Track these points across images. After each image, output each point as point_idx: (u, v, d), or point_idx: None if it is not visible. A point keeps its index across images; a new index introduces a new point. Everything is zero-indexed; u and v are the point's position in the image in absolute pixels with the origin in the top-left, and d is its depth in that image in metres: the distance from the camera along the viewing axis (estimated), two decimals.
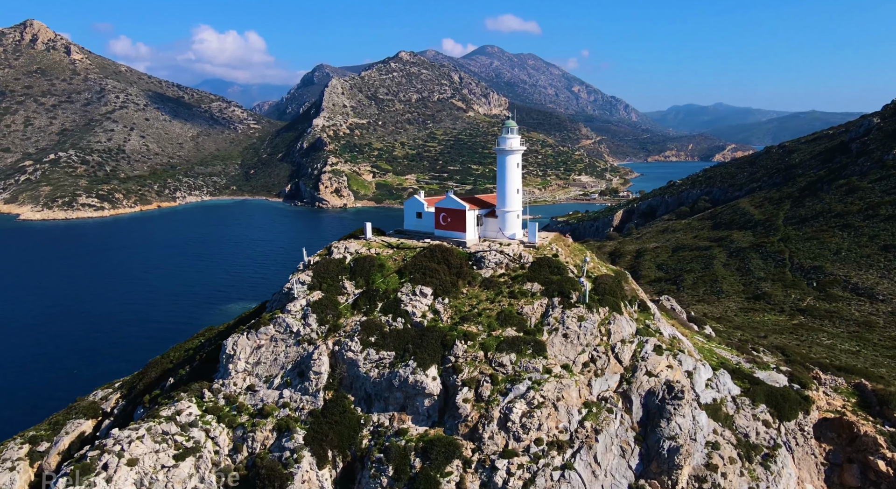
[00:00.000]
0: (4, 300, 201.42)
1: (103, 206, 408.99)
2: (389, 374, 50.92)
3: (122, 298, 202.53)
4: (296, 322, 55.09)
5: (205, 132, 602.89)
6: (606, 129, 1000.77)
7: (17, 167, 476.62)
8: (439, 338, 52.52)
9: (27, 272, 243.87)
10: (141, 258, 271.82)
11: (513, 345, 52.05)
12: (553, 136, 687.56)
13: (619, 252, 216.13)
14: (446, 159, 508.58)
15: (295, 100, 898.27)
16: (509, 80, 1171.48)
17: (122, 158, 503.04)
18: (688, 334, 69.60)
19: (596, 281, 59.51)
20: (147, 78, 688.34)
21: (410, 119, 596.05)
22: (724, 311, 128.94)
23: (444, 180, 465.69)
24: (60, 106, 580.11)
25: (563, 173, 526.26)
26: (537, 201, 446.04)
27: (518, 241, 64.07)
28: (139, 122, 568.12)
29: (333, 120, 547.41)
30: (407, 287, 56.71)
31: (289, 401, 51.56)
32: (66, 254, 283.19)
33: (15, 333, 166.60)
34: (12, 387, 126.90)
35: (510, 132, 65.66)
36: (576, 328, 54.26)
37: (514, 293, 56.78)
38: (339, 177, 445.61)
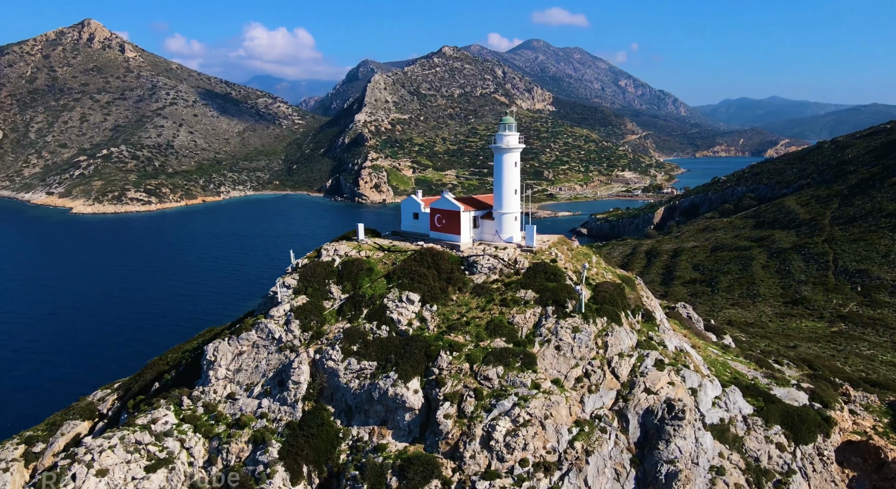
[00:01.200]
0: (45, 290, 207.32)
1: (150, 201, 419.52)
2: (370, 386, 48.76)
3: (159, 291, 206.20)
4: (278, 328, 53.46)
5: (250, 128, 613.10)
6: (653, 123, 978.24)
7: (72, 162, 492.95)
8: (423, 348, 50.05)
9: (69, 263, 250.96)
10: (182, 252, 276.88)
11: (500, 358, 49.23)
12: (597, 132, 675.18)
13: (656, 251, 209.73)
14: (487, 154, 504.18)
15: (339, 95, 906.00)
16: (554, 75, 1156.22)
17: (171, 154, 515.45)
18: (700, 346, 65.42)
19: (596, 289, 56.09)
20: (197, 75, 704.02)
21: (452, 114, 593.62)
22: (759, 316, 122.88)
23: (485, 176, 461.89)
24: (114, 103, 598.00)
25: (605, 169, 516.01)
26: (578, 197, 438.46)
27: (515, 245, 61.03)
28: (188, 118, 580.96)
29: (375, 115, 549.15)
30: (394, 292, 54.42)
31: (267, 411, 49.94)
32: (110, 247, 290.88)
33: (42, 324, 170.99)
34: (40, 378, 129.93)
35: (508, 129, 62.47)
36: (569, 340, 51.05)
37: (506, 301, 53.86)
38: (378, 172, 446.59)
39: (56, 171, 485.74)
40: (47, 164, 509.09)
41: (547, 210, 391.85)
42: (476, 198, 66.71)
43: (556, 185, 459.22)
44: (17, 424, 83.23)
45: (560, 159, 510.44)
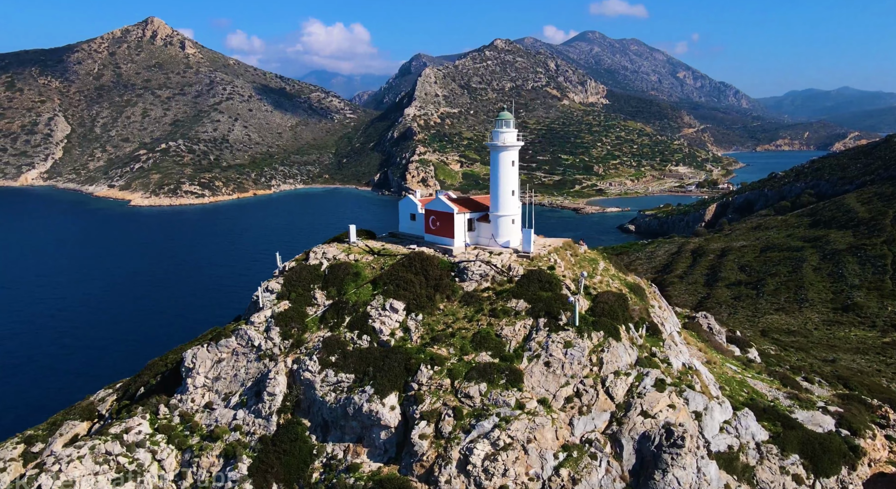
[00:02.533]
0: (91, 280, 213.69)
1: (204, 194, 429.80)
2: (345, 400, 46.39)
3: (201, 283, 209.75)
4: (258, 335, 51.66)
5: (303, 122, 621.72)
6: (712, 116, 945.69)
7: (132, 156, 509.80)
8: (403, 361, 47.33)
9: (120, 255, 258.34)
10: (228, 244, 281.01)
11: (483, 374, 46.05)
12: (652, 125, 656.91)
13: (703, 250, 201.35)
14: (536, 149, 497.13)
15: (392, 89, 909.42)
16: (609, 67, 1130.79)
17: (226, 147, 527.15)
18: (717, 362, 60.52)
19: (595, 299, 52.17)
20: (253, 70, 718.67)
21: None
22: (804, 324, 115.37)
23: (533, 170, 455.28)
24: (174, 98, 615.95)
25: (658, 164, 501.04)
26: (628, 193, 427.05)
27: (511, 251, 57.51)
28: (243, 113, 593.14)
29: (425, 109, 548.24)
30: (378, 300, 51.85)
31: (241, 423, 48.18)
32: (162, 238, 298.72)
33: (84, 315, 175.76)
34: (67, 370, 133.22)
35: (505, 125, 58.79)
36: (560, 355, 47.43)
37: (495, 311, 50.58)
38: (426, 166, 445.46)
39: (118, 164, 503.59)
40: (110, 158, 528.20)
41: (595, 206, 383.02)
42: (473, 198, 63.36)
43: (606, 180, 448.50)
44: (35, 418, 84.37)
45: (611, 154, 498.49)
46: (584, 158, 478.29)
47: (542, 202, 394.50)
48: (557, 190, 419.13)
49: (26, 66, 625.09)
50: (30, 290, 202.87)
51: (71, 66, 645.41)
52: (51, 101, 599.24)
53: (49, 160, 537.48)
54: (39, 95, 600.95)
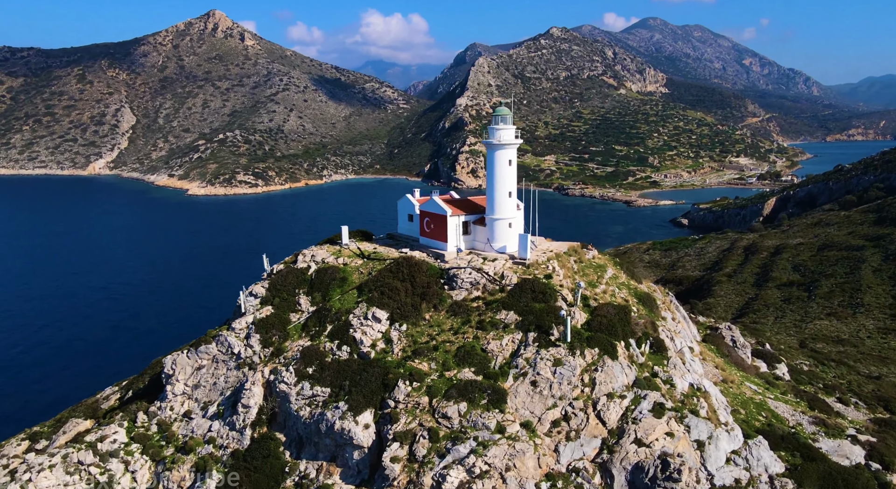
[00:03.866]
0: (135, 268, 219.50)
1: (257, 183, 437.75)
2: (319, 416, 44.14)
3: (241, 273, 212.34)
4: (238, 342, 49.93)
5: (356, 112, 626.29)
6: (779, 105, 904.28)
7: (192, 146, 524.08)
8: (381, 375, 44.67)
9: (174, 242, 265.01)
10: (275, 233, 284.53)
11: (464, 393, 42.93)
12: (713, 114, 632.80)
13: (756, 247, 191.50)
14: (589, 139, 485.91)
15: (446, 79, 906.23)
16: (671, 54, 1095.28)
17: (280, 138, 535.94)
18: (735, 380, 55.52)
19: (594, 312, 48.26)
20: (309, 61, 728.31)
21: (556, 98, 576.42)
22: (856, 331, 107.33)
23: (585, 162, 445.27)
24: (233, 89, 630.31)
25: (718, 155, 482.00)
26: (684, 185, 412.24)
27: (507, 257, 53.92)
28: (298, 104, 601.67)
29: (477, 99, 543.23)
30: (361, 308, 49.27)
31: (216, 435, 46.54)
32: (216, 227, 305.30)
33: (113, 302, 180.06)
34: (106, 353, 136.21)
35: (502, 121, 55.03)
36: (548, 374, 43.86)
37: (483, 323, 47.34)
38: (476, 157, 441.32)
39: (178, 154, 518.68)
40: (172, 148, 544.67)
41: (648, 198, 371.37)
42: (471, 200, 59.85)
43: (661, 171, 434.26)
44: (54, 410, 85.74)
45: (668, 144, 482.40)
46: (639, 149, 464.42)
47: (592, 194, 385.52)
48: (609, 181, 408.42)
49: (96, 59, 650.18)
50: (86, 278, 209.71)
51: (137, 59, 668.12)
52: (118, 92, 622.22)
53: (115, 150, 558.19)
54: (108, 87, 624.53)
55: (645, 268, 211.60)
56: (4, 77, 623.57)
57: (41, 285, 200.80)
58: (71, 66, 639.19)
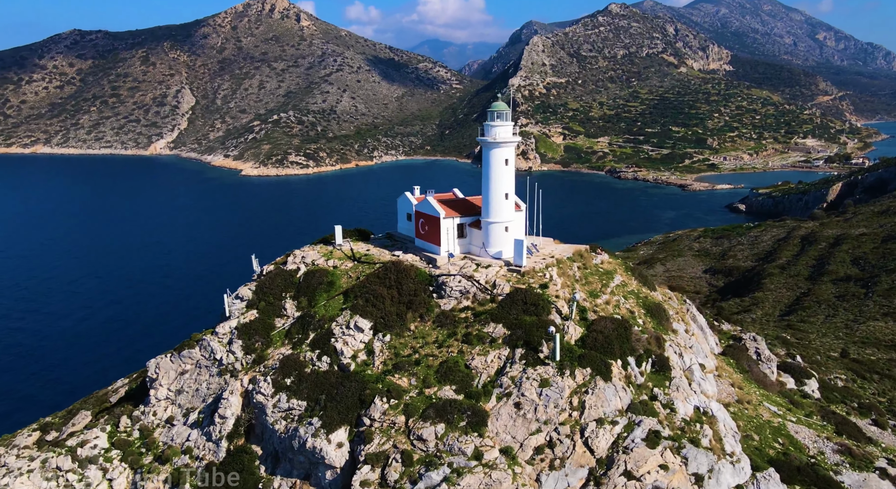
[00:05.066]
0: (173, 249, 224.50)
1: (308, 164, 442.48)
2: (293, 431, 42.51)
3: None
4: (220, 347, 48.68)
5: (409, 92, 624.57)
6: (855, 82, 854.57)
7: (247, 127, 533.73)
8: (358, 390, 42.63)
9: (214, 222, 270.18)
10: (326, 214, 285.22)
11: (442, 413, 40.38)
12: (780, 93, 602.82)
13: (814, 237, 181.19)
14: (646, 120, 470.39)
15: (501, 58, 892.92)
16: (737, 30, 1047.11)
17: (333, 119, 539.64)
18: (752, 400, 51.12)
19: (590, 327, 44.84)
20: (364, 41, 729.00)
21: (613, 77, 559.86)
22: None
23: (640, 144, 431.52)
24: (288, 70, 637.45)
25: (783, 136, 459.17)
26: (744, 168, 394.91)
27: (502, 263, 50.69)
28: (351, 84, 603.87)
29: (530, 79, 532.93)
30: (344, 316, 47.16)
31: (193, 445, 45.56)
32: (267, 207, 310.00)
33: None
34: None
35: (498, 118, 51.56)
36: (534, 396, 40.88)
37: (469, 336, 44.59)
38: (527, 139, 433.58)
39: (234, 134, 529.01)
40: (228, 129, 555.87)
41: (704, 182, 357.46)
42: (469, 200, 56.61)
43: (720, 154, 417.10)
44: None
45: (729, 125, 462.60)
46: (698, 130, 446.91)
47: (645, 177, 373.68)
48: (665, 164, 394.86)
49: (159, 41, 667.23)
50: (142, 257, 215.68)
51: (198, 41, 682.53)
52: (179, 74, 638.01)
53: (175, 131, 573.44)
54: (169, 69, 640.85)
55: (694, 256, 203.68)
56: (74, 60, 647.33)
57: (101, 264, 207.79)
58: (135, 48, 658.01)
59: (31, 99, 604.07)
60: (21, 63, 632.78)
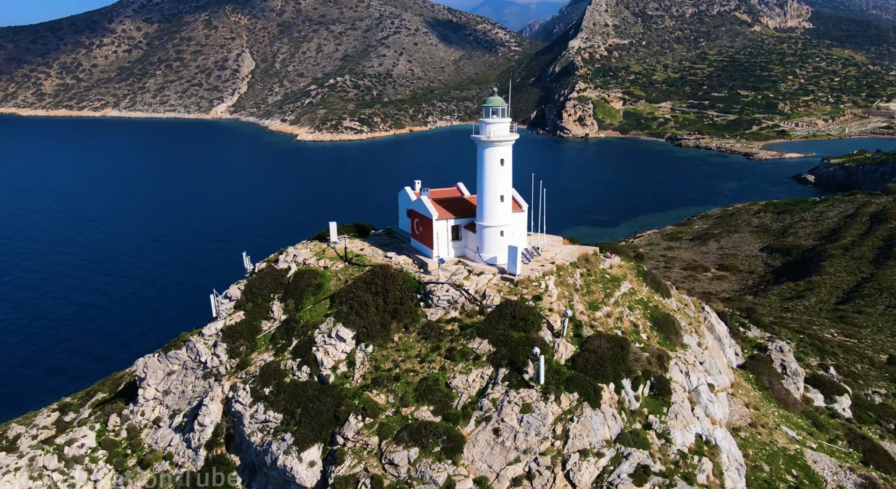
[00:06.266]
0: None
1: (362, 130, 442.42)
2: (268, 445, 41.13)
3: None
4: (206, 350, 47.62)
5: (466, 56, 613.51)
6: None
7: (304, 91, 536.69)
8: (335, 405, 40.77)
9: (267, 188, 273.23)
10: (381, 181, 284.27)
11: (416, 437, 38.08)
12: (865, 52, 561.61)
13: (885, 214, 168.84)
14: (712, 84, 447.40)
15: (563, 19, 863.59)
16: None
17: (389, 83, 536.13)
18: (768, 423, 46.71)
19: (583, 345, 41.41)
20: (422, 2, 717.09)
21: (680, 37, 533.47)
22: None
23: (705, 109, 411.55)
24: (345, 33, 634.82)
25: (864, 99, 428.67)
26: (817, 135, 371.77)
27: (496, 270, 47.32)
28: (408, 47, 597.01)
29: (591, 41, 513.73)
30: (327, 323, 45.14)
31: (174, 451, 44.98)
32: (316, 173, 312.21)
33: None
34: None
35: (494, 114, 47.62)
36: (514, 422, 38.06)
37: (453, 352, 41.88)
38: (584, 104, 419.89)
39: (292, 99, 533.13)
40: (286, 93, 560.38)
41: (772, 150, 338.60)
42: (466, 200, 53.05)
43: (792, 119, 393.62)
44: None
45: (804, 88, 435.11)
46: (769, 94, 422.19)
47: (708, 145, 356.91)
48: (730, 131, 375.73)
49: (221, 5, 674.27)
50: (200, 222, 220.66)
51: (258, 3, 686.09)
52: (240, 37, 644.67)
53: (235, 95, 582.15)
54: (230, 33, 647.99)
55: (751, 233, 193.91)
56: (141, 23, 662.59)
57: (162, 228, 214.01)
58: (199, 11, 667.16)
59: (101, 63, 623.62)
60: (93, 27, 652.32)
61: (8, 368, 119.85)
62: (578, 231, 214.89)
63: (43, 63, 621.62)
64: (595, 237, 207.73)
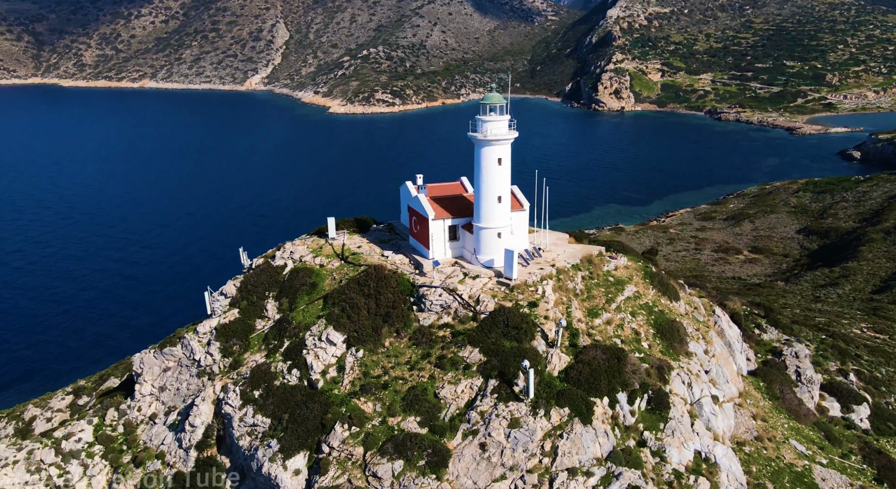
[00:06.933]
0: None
1: (394, 102, 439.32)
2: (255, 451, 40.75)
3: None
4: (200, 348, 47.33)
5: (501, 26, 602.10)
6: None
7: (337, 62, 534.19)
8: (322, 412, 40.06)
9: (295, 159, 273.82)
10: (413, 157, 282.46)
11: (401, 449, 37.15)
12: None
13: None
14: (757, 54, 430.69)
15: None
16: None
17: (422, 54, 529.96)
18: (776, 436, 44.51)
19: (578, 356, 39.72)
20: None
21: (724, 5, 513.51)
22: None
23: (747, 81, 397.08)
24: (379, 2, 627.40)
25: None
26: (867, 108, 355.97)
27: (492, 274, 45.60)
28: (443, 17, 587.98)
29: (630, 9, 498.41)
30: (318, 326, 44.27)
31: (167, 450, 45.03)
32: (347, 147, 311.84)
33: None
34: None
35: (492, 111, 45.37)
36: (501, 437, 36.82)
37: (443, 360, 40.62)
38: (621, 76, 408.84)
39: (325, 70, 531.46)
40: (320, 64, 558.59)
41: (817, 124, 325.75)
42: (466, 197, 51.15)
43: (840, 91, 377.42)
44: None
45: (855, 58, 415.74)
46: (816, 65, 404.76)
47: (749, 119, 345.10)
48: (773, 104, 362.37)
49: None
50: (230, 197, 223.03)
51: None
52: (274, 7, 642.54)
53: (269, 66, 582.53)
54: (265, 2, 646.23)
55: (788, 213, 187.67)
56: None
57: (194, 200, 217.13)
58: None
59: (139, 34, 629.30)
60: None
61: (54, 337, 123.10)
62: (608, 210, 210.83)
63: (83, 34, 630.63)
64: (625, 216, 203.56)
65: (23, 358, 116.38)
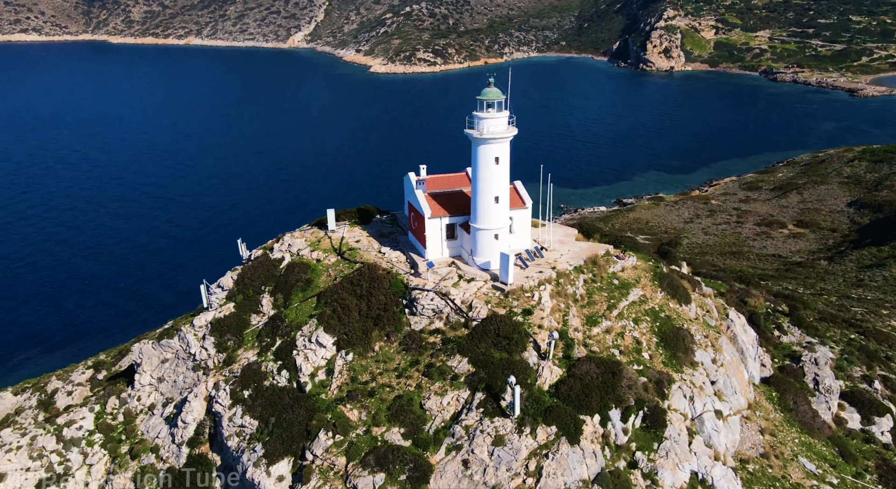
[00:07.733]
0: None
1: (436, 61, 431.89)
2: (240, 453, 40.55)
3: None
4: (195, 342, 47.11)
5: None
6: None
7: (379, 20, 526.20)
8: (308, 418, 39.43)
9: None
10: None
11: (382, 462, 36.24)
12: None
13: None
14: (821, 8, 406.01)
15: None
16: None
17: (466, 10, 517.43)
18: (784, 453, 42.06)
19: (570, 370, 37.83)
20: None
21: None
22: None
23: (808, 38, 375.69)
24: None
25: None
26: None
27: (488, 277, 43.61)
28: None
29: None
30: (309, 326, 43.35)
31: (161, 444, 45.31)
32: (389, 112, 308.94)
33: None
34: None
35: (489, 108, 42.66)
36: (484, 455, 35.52)
37: (430, 369, 39.27)
38: (671, 34, 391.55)
39: (367, 28, 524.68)
40: (362, 21, 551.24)
41: (881, 85, 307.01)
42: (467, 194, 48.74)
43: None
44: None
45: None
46: (885, 20, 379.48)
47: (807, 80, 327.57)
48: (835, 63, 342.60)
49: None
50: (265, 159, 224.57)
51: None
52: None
53: (312, 23, 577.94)
54: None
55: (840, 184, 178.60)
56: None
57: (237, 163, 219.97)
58: None
59: None
60: None
61: (109, 297, 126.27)
62: (649, 177, 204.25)
63: None
64: (667, 184, 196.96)
65: (69, 322, 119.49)
